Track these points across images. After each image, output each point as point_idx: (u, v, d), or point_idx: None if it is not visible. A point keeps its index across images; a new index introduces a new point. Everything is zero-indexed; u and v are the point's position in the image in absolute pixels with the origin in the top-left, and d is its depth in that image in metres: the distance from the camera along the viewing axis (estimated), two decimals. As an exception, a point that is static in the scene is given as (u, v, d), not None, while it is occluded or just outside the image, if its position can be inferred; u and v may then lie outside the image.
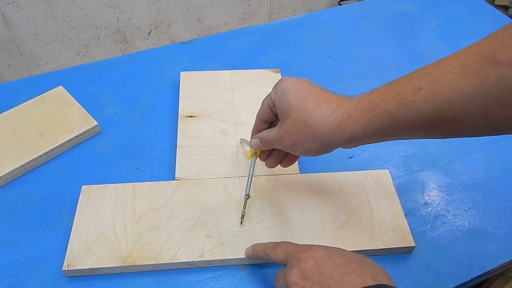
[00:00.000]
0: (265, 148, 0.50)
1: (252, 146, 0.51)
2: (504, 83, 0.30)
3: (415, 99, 0.34)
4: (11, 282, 0.48)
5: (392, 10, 0.89)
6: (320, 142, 0.41)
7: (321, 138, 0.41)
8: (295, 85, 0.44)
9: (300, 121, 0.42)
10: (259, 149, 0.51)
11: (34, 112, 0.64)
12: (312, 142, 0.41)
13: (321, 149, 0.42)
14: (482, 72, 0.31)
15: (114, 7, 1.57)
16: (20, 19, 1.45)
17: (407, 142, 0.64)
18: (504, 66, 0.30)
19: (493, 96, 0.31)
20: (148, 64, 0.76)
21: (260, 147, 0.50)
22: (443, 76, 0.33)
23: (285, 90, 0.44)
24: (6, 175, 0.57)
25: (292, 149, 0.44)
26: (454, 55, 0.34)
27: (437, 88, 0.33)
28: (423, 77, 0.35)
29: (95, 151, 0.62)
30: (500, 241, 0.54)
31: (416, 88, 0.34)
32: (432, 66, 0.35)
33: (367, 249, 0.50)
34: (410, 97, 0.35)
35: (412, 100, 0.35)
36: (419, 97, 0.34)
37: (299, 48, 0.80)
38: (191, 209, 0.53)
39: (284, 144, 0.44)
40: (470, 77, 0.32)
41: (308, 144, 0.42)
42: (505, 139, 0.65)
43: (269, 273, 0.50)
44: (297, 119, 0.42)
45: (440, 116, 0.34)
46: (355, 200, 0.55)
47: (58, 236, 0.52)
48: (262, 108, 0.49)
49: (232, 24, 1.87)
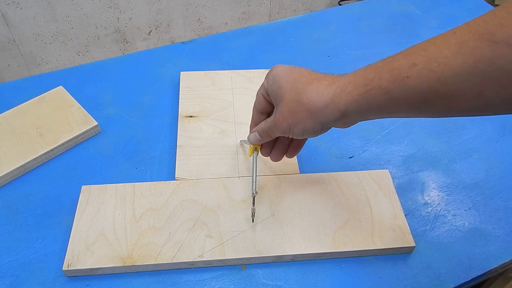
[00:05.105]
0: (264, 141, 0.49)
1: (251, 141, 0.50)
2: (500, 62, 0.29)
3: (409, 75, 0.34)
4: (11, 282, 0.48)
5: (392, 10, 0.89)
6: (316, 119, 0.41)
7: (316, 115, 0.40)
8: (285, 69, 0.44)
9: (294, 102, 0.42)
10: (258, 143, 0.50)
11: (34, 112, 0.64)
12: (308, 120, 0.41)
13: (317, 126, 0.41)
14: (478, 50, 0.30)
15: (114, 7, 1.57)
16: (20, 19, 1.45)
17: (407, 142, 0.64)
18: (501, 45, 0.29)
19: (488, 75, 0.30)
20: (148, 64, 0.76)
21: (259, 140, 0.49)
22: (439, 52, 0.33)
23: (276, 76, 0.44)
24: (6, 175, 0.57)
25: (290, 132, 0.44)
26: (451, 31, 0.33)
27: (432, 65, 0.32)
28: (419, 53, 0.34)
29: (95, 151, 0.62)
30: (500, 241, 0.54)
31: (411, 64, 0.34)
32: (429, 42, 0.34)
33: (367, 249, 0.50)
34: (404, 73, 0.34)
35: (406, 76, 0.34)
36: (414, 73, 0.33)
37: (299, 48, 0.80)
38: (191, 209, 0.53)
39: (282, 128, 0.44)
40: (465, 54, 0.31)
41: (304, 123, 0.42)
42: (505, 139, 0.65)
43: (269, 273, 0.50)
44: (291, 100, 0.42)
45: (435, 93, 0.33)
46: (355, 200, 0.55)
47: (58, 236, 0.52)
48: (257, 99, 0.49)
49: (232, 24, 1.87)
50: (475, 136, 0.66)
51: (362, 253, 0.51)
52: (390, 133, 0.66)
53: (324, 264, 0.51)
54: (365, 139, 0.65)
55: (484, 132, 0.66)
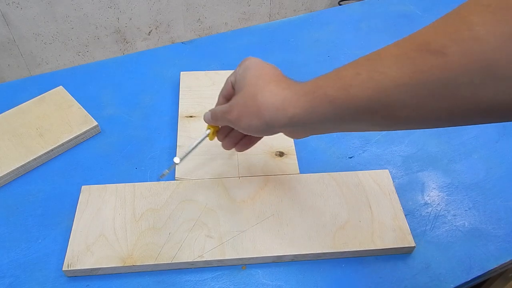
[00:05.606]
0: (213, 123, 0.50)
1: (204, 119, 0.51)
2: (435, 72, 0.29)
3: (352, 84, 0.34)
4: (11, 282, 0.48)
5: (392, 10, 0.89)
6: (263, 119, 0.41)
7: (264, 115, 0.41)
8: (257, 63, 0.45)
9: (250, 96, 0.42)
10: (209, 123, 0.51)
11: (34, 112, 0.64)
12: (255, 118, 0.41)
13: (262, 126, 0.42)
14: (414, 60, 0.30)
15: (114, 7, 1.57)
16: (20, 19, 1.45)
17: (407, 142, 0.64)
18: (435, 55, 0.29)
19: (425, 86, 0.30)
20: (148, 64, 0.76)
21: (209, 120, 0.50)
22: (381, 63, 0.33)
23: (247, 67, 0.45)
24: (6, 175, 0.57)
25: (236, 123, 0.44)
26: (395, 42, 0.33)
27: (374, 74, 0.33)
28: (364, 63, 0.35)
29: (95, 151, 0.62)
30: (500, 241, 0.54)
31: (356, 73, 0.34)
32: (374, 53, 0.35)
33: (367, 249, 0.50)
34: (349, 82, 0.34)
35: (350, 84, 0.34)
36: (357, 82, 0.34)
37: (299, 48, 0.80)
38: (191, 209, 0.53)
39: (230, 117, 0.44)
40: (404, 65, 0.31)
41: (251, 119, 0.42)
42: (505, 139, 0.65)
43: (269, 273, 0.50)
44: (248, 93, 0.42)
45: (376, 102, 0.33)
46: (355, 200, 0.55)
47: (58, 236, 0.52)
48: (225, 85, 0.49)
49: (232, 24, 1.87)
50: (475, 136, 0.66)
51: (362, 253, 0.51)
52: (390, 133, 0.66)
53: (324, 264, 0.51)
54: (365, 139, 0.65)
55: (484, 132, 0.66)
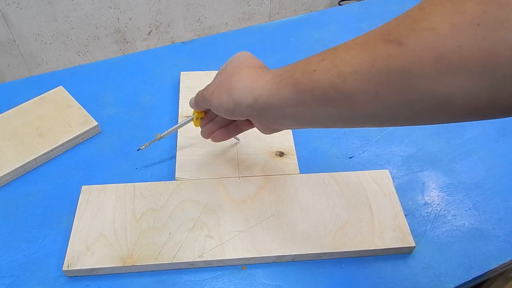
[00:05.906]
0: (196, 107, 0.52)
1: (190, 104, 0.53)
2: (392, 61, 0.29)
3: (316, 69, 0.35)
4: (11, 282, 0.48)
5: (392, 10, 0.89)
6: (231, 96, 0.42)
7: (233, 93, 0.42)
8: (246, 54, 0.46)
9: (227, 75, 0.44)
10: (193, 107, 0.52)
11: (34, 112, 0.64)
12: (225, 95, 0.43)
13: (230, 104, 0.42)
14: (375, 49, 0.31)
15: (114, 7, 1.57)
16: (20, 19, 1.45)
17: (407, 142, 0.64)
18: (394, 44, 0.30)
19: (383, 75, 0.30)
20: (148, 64, 0.76)
21: (193, 104, 0.52)
22: (345, 51, 0.34)
23: (236, 56, 0.46)
24: (6, 175, 0.57)
25: (209, 100, 0.45)
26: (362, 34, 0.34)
27: (336, 61, 0.33)
28: (330, 51, 0.35)
29: (95, 151, 0.62)
30: (500, 241, 0.54)
31: (321, 59, 0.35)
32: (342, 43, 0.35)
33: (367, 249, 0.50)
34: (313, 67, 0.35)
35: (314, 69, 0.35)
36: (320, 68, 0.35)
37: (299, 48, 0.80)
38: (191, 209, 0.53)
39: (205, 93, 0.46)
40: (365, 53, 0.32)
41: (221, 96, 0.43)
42: (505, 139, 0.65)
43: (269, 273, 0.50)
44: (226, 73, 0.44)
45: (335, 89, 0.33)
46: (355, 200, 0.55)
47: (58, 236, 0.52)
48: None
49: (232, 24, 1.87)
50: (475, 136, 0.66)
51: (362, 253, 0.51)
52: (390, 133, 0.66)
53: (324, 264, 0.51)
54: (365, 139, 0.65)
55: (484, 132, 0.66)
